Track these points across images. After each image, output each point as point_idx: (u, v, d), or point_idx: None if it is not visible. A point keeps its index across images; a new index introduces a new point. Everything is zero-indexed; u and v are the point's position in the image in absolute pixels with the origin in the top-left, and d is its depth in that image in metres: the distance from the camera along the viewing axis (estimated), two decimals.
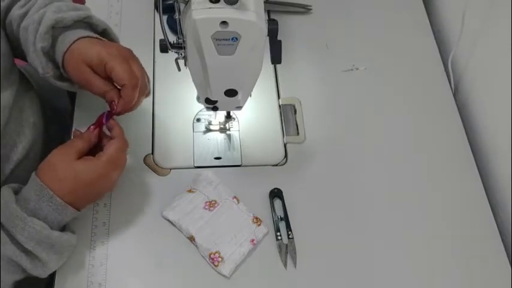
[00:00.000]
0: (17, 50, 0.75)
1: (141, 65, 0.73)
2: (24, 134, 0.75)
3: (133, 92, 0.70)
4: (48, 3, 0.73)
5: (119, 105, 0.70)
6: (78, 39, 0.70)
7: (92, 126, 0.72)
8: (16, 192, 0.67)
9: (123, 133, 0.71)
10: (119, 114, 0.72)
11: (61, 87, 0.76)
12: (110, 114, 0.72)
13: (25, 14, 0.73)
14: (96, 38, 0.73)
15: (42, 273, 0.67)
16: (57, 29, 0.71)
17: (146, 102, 0.85)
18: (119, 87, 0.71)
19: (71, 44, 0.70)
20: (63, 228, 0.69)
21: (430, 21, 1.01)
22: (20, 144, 0.74)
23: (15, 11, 0.73)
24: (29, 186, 0.66)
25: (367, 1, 1.02)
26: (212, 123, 0.86)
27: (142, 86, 0.71)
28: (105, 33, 0.77)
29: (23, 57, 0.76)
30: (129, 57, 0.71)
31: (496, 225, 0.80)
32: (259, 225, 0.76)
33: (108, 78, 0.70)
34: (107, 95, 0.71)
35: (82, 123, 0.83)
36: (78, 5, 0.75)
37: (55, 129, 0.88)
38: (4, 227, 0.64)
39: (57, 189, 0.65)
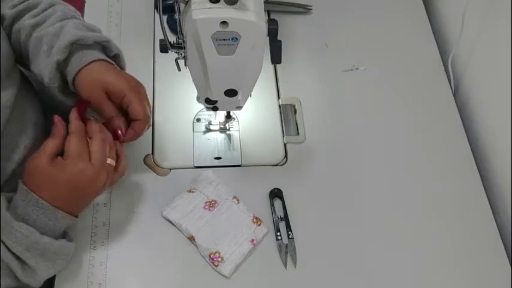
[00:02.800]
0: (19, 57, 0.76)
1: (147, 97, 0.75)
2: (26, 134, 0.75)
3: (145, 126, 0.74)
4: (64, 19, 0.74)
5: (128, 135, 0.73)
6: (96, 60, 0.72)
7: (56, 117, 0.69)
8: (10, 201, 0.67)
9: (96, 129, 0.69)
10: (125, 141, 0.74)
11: (59, 98, 0.76)
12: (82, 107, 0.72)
13: (37, 25, 0.74)
14: (111, 63, 0.75)
15: (33, 282, 0.66)
16: (76, 45, 0.72)
17: None
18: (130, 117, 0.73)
19: (88, 64, 0.72)
20: (62, 237, 0.69)
21: (430, 21, 1.01)
22: (21, 144, 0.74)
23: (27, 20, 0.74)
24: (17, 193, 0.66)
25: (367, 1, 1.02)
26: (212, 123, 0.86)
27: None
28: (115, 58, 0.78)
29: (23, 64, 0.77)
30: (141, 91, 0.74)
31: (496, 225, 0.80)
32: (259, 225, 0.76)
33: (119, 106, 0.73)
34: (113, 122, 0.72)
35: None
36: (92, 25, 0.77)
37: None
38: None
39: (42, 193, 0.65)
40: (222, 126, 0.86)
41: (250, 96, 0.75)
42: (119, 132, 0.72)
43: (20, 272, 0.64)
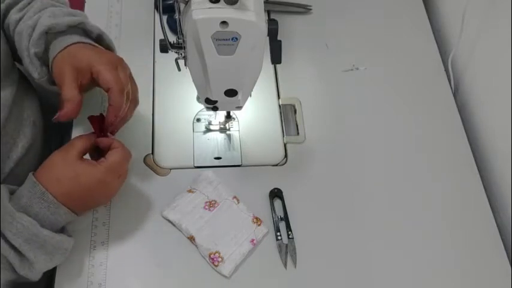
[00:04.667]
0: (14, 54, 0.76)
1: (130, 74, 0.73)
2: (24, 133, 0.75)
3: (120, 96, 0.69)
4: (42, 9, 0.73)
5: (110, 113, 0.70)
6: (71, 44, 0.71)
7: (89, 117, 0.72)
8: (12, 193, 0.67)
9: (123, 144, 0.71)
10: (111, 125, 0.71)
11: (54, 91, 0.75)
12: (101, 124, 0.72)
13: (21, 19, 0.73)
14: (90, 44, 0.73)
15: (30, 274, 0.65)
16: (51, 34, 0.72)
17: (146, 102, 0.85)
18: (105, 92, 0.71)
19: (63, 49, 0.70)
20: (61, 231, 0.69)
21: (430, 21, 1.01)
22: (19, 143, 0.74)
23: (12, 15, 0.74)
24: (24, 184, 0.66)
25: (367, 1, 1.02)
26: (212, 123, 0.86)
27: (129, 93, 0.72)
28: (100, 39, 0.77)
29: (19, 61, 0.77)
30: (118, 65, 0.71)
31: (496, 225, 0.80)
32: (259, 225, 0.76)
33: (88, 83, 0.70)
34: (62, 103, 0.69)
35: (82, 123, 0.83)
36: (73, 11, 0.75)
37: (55, 129, 0.88)
38: None
39: (53, 188, 0.65)
40: (222, 126, 0.86)
41: (250, 96, 0.75)
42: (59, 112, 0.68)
43: (17, 264, 0.63)
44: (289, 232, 0.77)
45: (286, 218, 0.78)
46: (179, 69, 0.73)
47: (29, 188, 0.65)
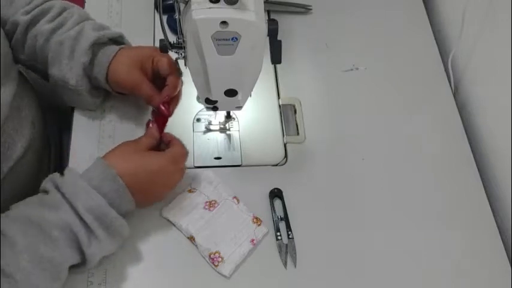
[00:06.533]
0: (35, 62, 0.78)
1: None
2: (22, 133, 0.75)
3: (177, 79, 0.77)
4: (80, 22, 0.78)
5: (166, 91, 0.76)
6: (119, 50, 0.77)
7: (150, 123, 0.76)
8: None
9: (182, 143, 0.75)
10: (165, 103, 0.77)
11: (86, 103, 0.80)
12: (160, 119, 0.77)
13: (55, 29, 0.76)
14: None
15: (97, 253, 0.66)
16: (95, 45, 0.76)
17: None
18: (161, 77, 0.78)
19: (114, 56, 0.76)
20: None
21: (430, 21, 1.01)
22: (18, 143, 0.74)
23: (43, 26, 0.76)
24: (93, 167, 0.68)
25: (367, 1, 1.02)
26: (212, 123, 0.86)
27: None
28: None
29: (30, 66, 0.80)
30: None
31: (496, 225, 0.80)
32: (259, 225, 0.76)
33: (153, 80, 0.77)
34: (154, 102, 0.77)
35: (82, 123, 0.83)
36: (103, 24, 0.80)
37: (55, 129, 0.88)
38: (68, 199, 0.64)
39: (120, 168, 0.67)
40: (222, 126, 0.86)
41: (250, 96, 0.75)
42: (162, 107, 0.76)
43: (85, 241, 0.64)
44: (289, 232, 0.77)
45: (286, 218, 0.78)
46: None
47: (100, 170, 0.67)
